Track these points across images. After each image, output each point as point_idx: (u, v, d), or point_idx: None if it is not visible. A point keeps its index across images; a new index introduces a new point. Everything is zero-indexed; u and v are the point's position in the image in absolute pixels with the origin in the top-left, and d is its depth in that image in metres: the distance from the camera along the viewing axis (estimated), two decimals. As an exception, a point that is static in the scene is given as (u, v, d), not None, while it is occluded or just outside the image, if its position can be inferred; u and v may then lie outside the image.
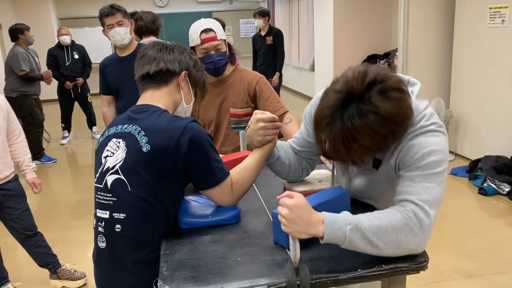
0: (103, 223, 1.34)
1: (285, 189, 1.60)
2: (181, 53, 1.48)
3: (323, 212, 1.08)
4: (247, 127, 1.46)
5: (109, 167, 1.34)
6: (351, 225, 1.06)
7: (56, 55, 6.43)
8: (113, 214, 1.31)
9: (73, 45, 6.53)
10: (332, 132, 1.11)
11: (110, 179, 1.33)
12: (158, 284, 1.06)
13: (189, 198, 1.48)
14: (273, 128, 1.40)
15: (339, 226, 1.06)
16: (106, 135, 1.42)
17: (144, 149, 1.29)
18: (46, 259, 2.81)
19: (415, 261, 1.09)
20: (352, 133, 1.08)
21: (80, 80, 6.52)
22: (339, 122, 1.09)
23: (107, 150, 1.37)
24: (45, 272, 2.90)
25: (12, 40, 5.53)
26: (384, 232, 1.08)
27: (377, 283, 1.53)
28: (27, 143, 2.70)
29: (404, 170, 1.18)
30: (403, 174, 1.18)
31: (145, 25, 3.45)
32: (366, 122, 1.07)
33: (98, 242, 1.37)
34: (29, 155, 2.70)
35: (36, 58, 5.72)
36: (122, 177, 1.31)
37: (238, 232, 1.30)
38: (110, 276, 1.37)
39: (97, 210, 1.37)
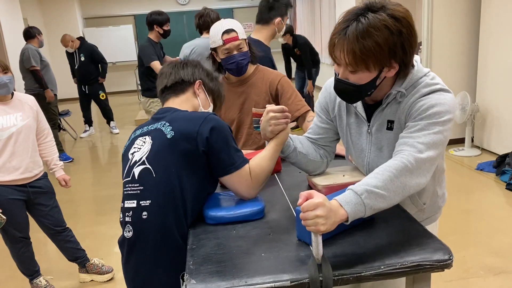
0: (131, 212, 1.40)
1: (309, 184, 1.62)
2: (194, 67, 1.64)
3: (333, 198, 1.11)
4: (259, 122, 1.50)
5: (136, 160, 1.44)
6: (363, 194, 1.11)
7: (68, 59, 6.87)
8: (140, 202, 1.38)
9: (81, 47, 6.67)
10: (348, 32, 1.19)
11: (137, 170, 1.42)
12: (185, 277, 1.09)
13: (215, 194, 1.51)
14: (283, 118, 1.45)
15: (356, 201, 1.10)
16: (133, 137, 1.53)
17: (169, 136, 1.40)
18: (75, 254, 2.90)
19: (440, 259, 1.09)
20: (367, 28, 1.17)
21: (101, 80, 6.85)
22: (355, 23, 1.19)
23: (134, 148, 1.48)
24: (75, 266, 2.99)
25: (27, 39, 5.62)
26: (390, 181, 1.14)
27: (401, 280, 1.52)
28: (55, 142, 2.79)
29: (409, 121, 1.27)
30: (408, 124, 1.27)
31: (211, 21, 3.70)
32: (380, 18, 1.17)
33: (125, 232, 1.42)
34: (57, 154, 2.79)
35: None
36: (148, 166, 1.40)
37: (262, 228, 1.32)
38: (137, 266, 1.40)
39: (125, 201, 1.43)
